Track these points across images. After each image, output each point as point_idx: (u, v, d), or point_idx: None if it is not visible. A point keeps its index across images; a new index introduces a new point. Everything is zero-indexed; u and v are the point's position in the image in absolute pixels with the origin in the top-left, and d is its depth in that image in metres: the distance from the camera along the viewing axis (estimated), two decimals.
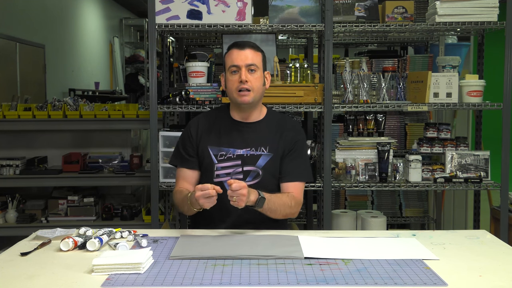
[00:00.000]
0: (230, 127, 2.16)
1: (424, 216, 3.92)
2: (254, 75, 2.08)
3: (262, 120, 2.18)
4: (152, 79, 2.97)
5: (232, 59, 2.09)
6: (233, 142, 2.13)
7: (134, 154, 3.87)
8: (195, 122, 2.21)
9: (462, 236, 1.97)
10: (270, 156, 2.12)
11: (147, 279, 1.48)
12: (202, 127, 2.18)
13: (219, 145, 2.13)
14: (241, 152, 2.11)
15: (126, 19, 8.99)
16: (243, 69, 2.06)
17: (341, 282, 1.47)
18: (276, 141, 2.14)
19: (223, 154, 2.12)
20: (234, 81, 2.08)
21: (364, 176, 3.07)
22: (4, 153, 3.84)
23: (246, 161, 2.11)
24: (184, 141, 2.21)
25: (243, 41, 2.14)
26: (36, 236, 1.91)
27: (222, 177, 2.11)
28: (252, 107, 2.14)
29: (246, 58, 2.07)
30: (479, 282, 1.48)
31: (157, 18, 2.94)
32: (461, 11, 2.97)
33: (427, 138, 3.26)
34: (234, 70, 2.08)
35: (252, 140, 2.13)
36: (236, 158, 2.11)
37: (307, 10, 3.02)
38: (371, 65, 3.74)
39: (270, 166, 2.11)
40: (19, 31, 5.15)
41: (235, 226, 2.07)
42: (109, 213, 3.82)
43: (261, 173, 2.11)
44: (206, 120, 2.20)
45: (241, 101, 2.08)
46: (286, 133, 2.16)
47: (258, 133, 2.15)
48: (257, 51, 2.11)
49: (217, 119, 2.19)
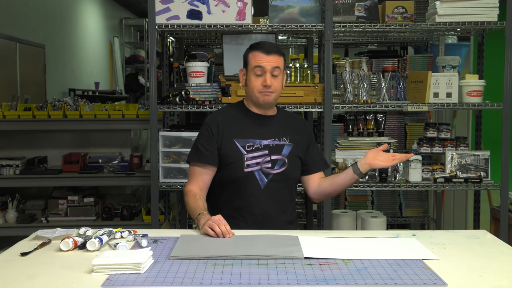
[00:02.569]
0: (252, 120, 2.23)
1: (424, 216, 3.92)
2: (277, 78, 2.17)
3: (276, 115, 2.29)
4: (152, 79, 2.97)
5: (257, 61, 2.15)
6: (258, 133, 2.21)
7: (134, 154, 3.87)
8: (213, 119, 2.25)
9: (462, 236, 1.97)
10: (292, 146, 2.22)
11: (147, 279, 1.48)
12: (222, 122, 2.22)
13: (245, 137, 2.20)
14: (267, 142, 2.20)
15: (126, 19, 8.99)
16: (268, 73, 2.14)
17: (341, 282, 1.46)
18: (292, 133, 2.25)
19: (251, 145, 2.18)
20: (258, 82, 2.16)
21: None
22: (4, 153, 3.84)
23: (273, 151, 2.19)
24: (203, 137, 2.23)
25: (269, 45, 2.20)
26: (36, 236, 1.91)
27: (252, 167, 2.17)
28: (271, 105, 2.25)
29: (272, 63, 2.15)
30: (479, 282, 1.48)
31: (157, 18, 2.94)
32: (461, 11, 2.97)
33: (427, 138, 3.26)
34: (259, 74, 2.15)
35: (274, 131, 2.23)
36: (263, 148, 2.19)
37: (307, 10, 3.02)
38: (371, 65, 3.74)
39: (294, 155, 2.22)
40: (19, 31, 5.15)
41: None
42: (109, 213, 3.83)
43: (287, 161, 2.20)
44: (224, 116, 2.26)
45: (263, 101, 2.18)
46: (299, 127, 2.30)
47: (277, 125, 2.25)
48: (281, 55, 2.19)
49: (236, 114, 2.26)
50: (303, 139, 2.27)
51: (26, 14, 5.37)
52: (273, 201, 2.18)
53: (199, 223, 1.98)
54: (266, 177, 2.16)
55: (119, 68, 8.57)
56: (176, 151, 3.08)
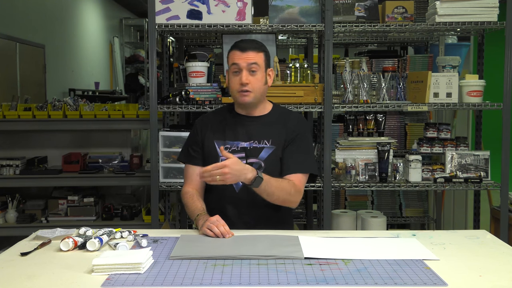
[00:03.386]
0: (235, 121, 2.21)
1: (424, 216, 3.92)
2: (255, 75, 2.11)
3: (266, 115, 2.22)
4: (152, 79, 2.97)
5: (233, 59, 2.12)
6: (237, 135, 2.18)
7: (134, 154, 3.87)
8: (201, 119, 2.28)
9: (462, 236, 1.97)
10: (273, 149, 2.15)
11: (147, 279, 1.48)
12: (208, 124, 2.24)
13: (224, 139, 2.18)
14: (245, 144, 2.16)
15: (126, 19, 9.00)
16: (244, 70, 2.10)
17: (341, 282, 1.46)
18: (279, 134, 2.17)
19: (228, 147, 2.16)
20: (235, 81, 2.12)
21: (364, 176, 3.07)
22: (4, 153, 3.84)
23: (250, 153, 2.15)
24: (191, 138, 2.27)
25: (246, 42, 2.16)
26: (36, 236, 1.91)
27: None
28: (254, 105, 2.19)
29: (247, 60, 2.10)
30: (479, 282, 1.48)
31: (157, 18, 2.94)
32: (461, 11, 2.97)
33: (427, 138, 3.26)
34: (235, 71, 2.12)
35: (255, 133, 2.18)
36: (240, 150, 2.16)
37: (307, 10, 3.02)
38: (371, 65, 3.74)
39: (273, 158, 2.15)
40: (19, 31, 5.15)
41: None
42: (109, 213, 3.82)
43: (263, 165, 2.14)
44: (212, 117, 2.27)
45: (241, 101, 2.14)
46: (288, 125, 2.20)
47: (261, 126, 2.19)
48: (259, 51, 2.13)
49: (223, 115, 2.26)
50: (286, 138, 2.15)
51: (26, 14, 5.37)
52: (248, 205, 2.13)
53: (198, 224, 1.99)
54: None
55: (119, 68, 8.57)
56: (176, 151, 3.08)
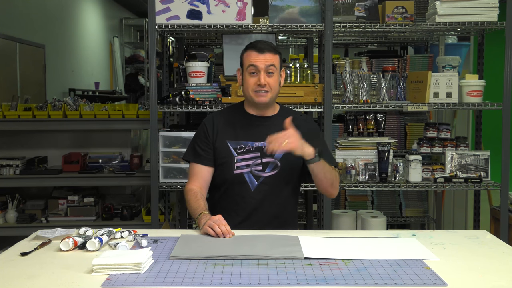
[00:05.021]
0: (247, 121, 2.22)
1: (424, 216, 3.92)
2: (272, 76, 2.13)
3: (276, 114, 2.24)
4: (152, 79, 2.97)
5: (251, 60, 2.13)
6: (251, 135, 2.18)
7: (134, 154, 3.87)
8: (210, 119, 2.26)
9: (462, 236, 1.97)
10: None
11: (147, 279, 1.48)
12: (218, 123, 2.23)
13: (237, 139, 2.19)
14: (259, 144, 2.17)
15: (126, 19, 8.99)
16: (262, 72, 2.11)
17: (341, 282, 1.46)
18: None
19: (242, 147, 2.17)
20: (252, 82, 2.13)
21: (364, 176, 3.07)
22: (4, 153, 3.84)
23: (264, 153, 2.15)
24: (199, 137, 2.24)
25: (262, 43, 2.17)
26: (36, 236, 1.91)
27: (242, 169, 2.16)
28: (268, 106, 2.20)
29: (266, 61, 2.11)
30: (479, 282, 1.48)
31: (157, 18, 2.94)
32: (461, 11, 2.97)
33: (427, 138, 3.26)
34: (252, 72, 2.13)
35: (269, 133, 2.15)
36: (255, 150, 2.17)
37: (307, 10, 3.02)
38: (371, 65, 3.74)
39: (288, 157, 2.14)
40: (19, 31, 5.15)
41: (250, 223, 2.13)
42: (109, 213, 3.82)
43: (279, 164, 2.16)
44: (221, 117, 2.26)
45: (258, 101, 2.15)
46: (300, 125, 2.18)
47: (274, 126, 2.18)
48: (276, 53, 2.15)
49: (233, 115, 2.25)
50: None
51: (26, 14, 5.37)
52: (263, 204, 2.16)
53: (200, 223, 1.99)
54: (257, 180, 2.15)
55: (119, 68, 8.57)
56: (176, 151, 3.09)
